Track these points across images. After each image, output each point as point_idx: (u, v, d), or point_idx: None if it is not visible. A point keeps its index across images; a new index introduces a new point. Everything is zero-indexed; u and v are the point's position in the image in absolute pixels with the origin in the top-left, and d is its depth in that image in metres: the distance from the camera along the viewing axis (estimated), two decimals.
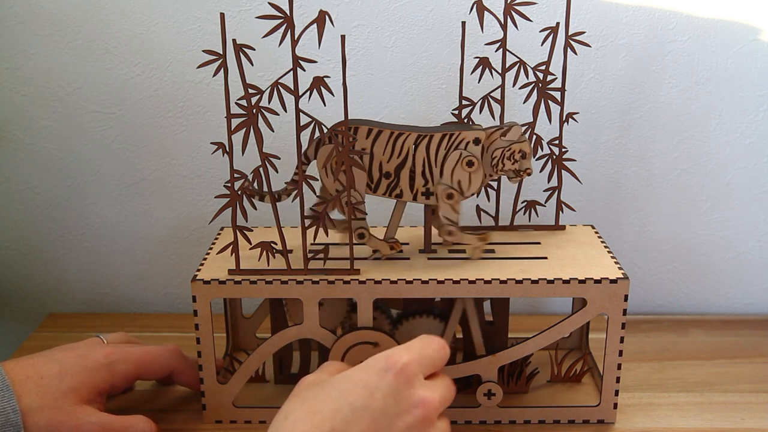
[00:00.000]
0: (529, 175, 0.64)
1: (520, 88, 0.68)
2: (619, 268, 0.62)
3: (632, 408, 0.67)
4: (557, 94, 0.67)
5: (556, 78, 0.67)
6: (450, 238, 0.63)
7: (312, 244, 0.65)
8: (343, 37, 0.57)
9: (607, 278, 0.61)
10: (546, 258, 0.65)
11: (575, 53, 0.66)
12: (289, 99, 0.58)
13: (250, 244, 0.62)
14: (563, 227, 0.72)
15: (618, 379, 0.63)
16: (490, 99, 0.69)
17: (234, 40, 0.57)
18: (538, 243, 0.68)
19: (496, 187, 0.70)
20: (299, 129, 0.59)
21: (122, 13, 0.77)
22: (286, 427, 0.47)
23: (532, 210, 0.71)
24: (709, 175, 0.83)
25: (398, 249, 0.64)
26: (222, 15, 0.56)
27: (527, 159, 0.63)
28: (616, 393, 0.64)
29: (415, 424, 0.49)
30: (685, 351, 0.77)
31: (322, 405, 0.48)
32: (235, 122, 0.58)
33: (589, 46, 0.68)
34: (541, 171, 0.70)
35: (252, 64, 0.57)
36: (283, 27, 0.56)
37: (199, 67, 0.57)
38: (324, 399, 0.48)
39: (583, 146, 0.82)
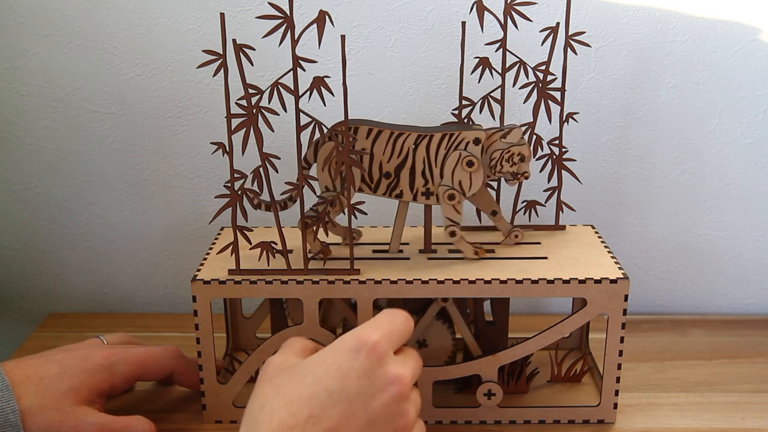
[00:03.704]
0: (526, 178, 0.64)
1: (520, 88, 0.68)
2: (619, 268, 0.62)
3: (632, 408, 0.67)
4: (557, 94, 0.67)
5: (556, 78, 0.67)
6: (452, 239, 0.63)
7: (310, 251, 0.65)
8: (343, 37, 0.57)
9: (607, 278, 0.61)
10: (546, 258, 0.65)
11: (575, 53, 0.66)
12: (289, 99, 0.58)
13: (250, 244, 0.62)
14: (563, 227, 0.72)
15: (618, 379, 0.63)
16: (490, 99, 0.69)
17: (234, 40, 0.57)
18: (538, 243, 0.68)
19: (496, 187, 0.70)
20: (299, 129, 0.59)
21: (122, 13, 0.77)
22: (263, 417, 0.46)
23: (532, 210, 0.71)
24: (709, 175, 0.83)
25: (327, 255, 0.64)
26: (222, 15, 0.56)
27: (526, 162, 0.63)
28: (616, 393, 0.64)
29: (391, 401, 0.48)
30: (685, 351, 0.77)
31: (297, 392, 0.47)
32: (235, 122, 0.58)
33: (589, 46, 0.68)
34: (541, 171, 0.70)
35: (252, 64, 0.57)
36: (283, 27, 0.56)
37: (199, 67, 0.57)
38: (299, 385, 0.48)
39: (583, 146, 0.82)
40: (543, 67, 0.66)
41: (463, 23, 0.66)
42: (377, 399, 0.48)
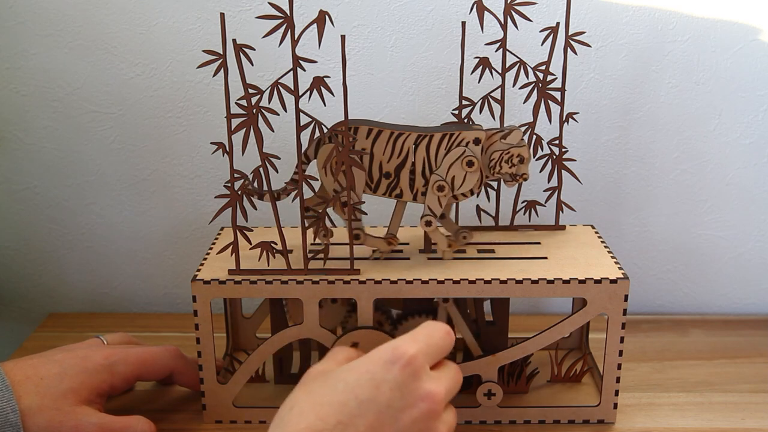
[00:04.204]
0: (525, 180, 0.64)
1: (520, 88, 0.68)
2: (619, 268, 0.62)
3: (632, 408, 0.67)
4: (557, 94, 0.67)
5: (556, 78, 0.67)
6: (427, 228, 0.63)
7: (312, 244, 0.65)
8: (343, 37, 0.57)
9: (607, 278, 0.61)
10: (546, 258, 0.65)
11: (575, 53, 0.66)
12: (289, 99, 0.58)
13: (250, 244, 0.62)
14: (563, 227, 0.72)
15: (618, 379, 0.63)
16: (490, 99, 0.69)
17: (234, 40, 0.57)
18: (538, 243, 0.68)
19: (496, 187, 0.70)
20: (299, 129, 0.59)
21: (122, 13, 0.77)
22: (291, 418, 0.46)
23: (532, 210, 0.71)
24: (709, 175, 0.83)
25: (396, 243, 0.64)
26: (222, 15, 0.56)
27: (525, 164, 0.63)
28: (616, 393, 0.64)
29: (421, 417, 0.48)
30: (685, 351, 0.77)
31: (328, 397, 0.47)
32: (235, 122, 0.58)
33: (589, 46, 0.68)
34: (541, 171, 0.70)
35: (252, 64, 0.57)
36: (283, 27, 0.56)
37: (199, 67, 0.57)
38: (330, 391, 0.48)
39: (583, 146, 0.82)
40: (543, 67, 0.66)
41: (463, 23, 0.66)
42: (407, 414, 0.48)
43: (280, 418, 0.47)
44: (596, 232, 0.71)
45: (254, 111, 0.58)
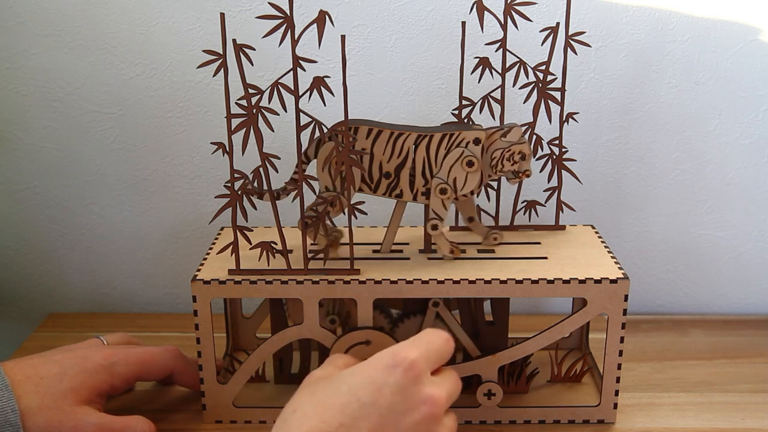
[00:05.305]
0: (528, 176, 0.64)
1: (520, 88, 0.68)
2: (619, 268, 0.62)
3: (632, 408, 0.67)
4: (557, 94, 0.67)
5: (556, 78, 0.67)
6: (433, 233, 0.63)
7: (312, 244, 0.65)
8: (343, 37, 0.57)
9: (607, 278, 0.61)
10: (546, 258, 0.65)
11: (575, 53, 0.66)
12: (289, 99, 0.58)
13: (250, 244, 0.62)
14: (563, 227, 0.72)
15: (618, 379, 0.63)
16: (490, 99, 0.69)
17: (234, 40, 0.57)
18: (538, 243, 0.68)
19: (496, 187, 0.70)
20: (299, 129, 0.59)
21: (122, 13, 0.77)
22: (294, 421, 0.47)
23: (532, 210, 0.71)
24: (709, 175, 0.83)
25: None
26: (222, 15, 0.56)
27: (527, 161, 0.63)
28: (616, 393, 0.64)
29: (423, 421, 0.48)
30: (685, 351, 0.77)
31: (331, 400, 0.48)
32: (235, 122, 0.58)
33: (589, 46, 0.68)
34: (541, 171, 0.70)
35: (252, 64, 0.57)
36: (283, 27, 0.56)
37: (199, 67, 0.57)
38: (333, 394, 0.48)
39: (583, 146, 0.82)
40: (543, 67, 0.66)
41: (463, 23, 0.66)
42: (409, 417, 0.48)
43: (283, 420, 0.48)
44: (596, 232, 0.71)
45: (254, 111, 0.58)
